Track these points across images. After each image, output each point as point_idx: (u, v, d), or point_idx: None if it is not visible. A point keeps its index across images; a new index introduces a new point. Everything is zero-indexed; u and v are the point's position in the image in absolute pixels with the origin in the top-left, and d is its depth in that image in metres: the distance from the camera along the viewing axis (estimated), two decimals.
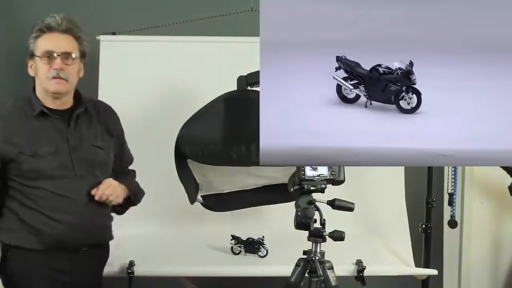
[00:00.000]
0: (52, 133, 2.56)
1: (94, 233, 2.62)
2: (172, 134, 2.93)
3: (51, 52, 2.54)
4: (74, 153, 2.56)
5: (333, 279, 2.55)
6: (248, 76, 2.93)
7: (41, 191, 2.52)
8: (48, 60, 2.54)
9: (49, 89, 2.55)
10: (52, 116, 2.57)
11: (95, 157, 2.62)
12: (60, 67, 2.53)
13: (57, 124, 2.57)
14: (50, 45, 2.55)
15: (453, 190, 3.58)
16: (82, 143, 2.59)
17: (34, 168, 2.51)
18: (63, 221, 2.52)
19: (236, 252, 3.20)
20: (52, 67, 2.53)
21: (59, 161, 2.53)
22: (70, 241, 2.55)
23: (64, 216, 2.52)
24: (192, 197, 3.02)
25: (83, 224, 2.56)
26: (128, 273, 2.98)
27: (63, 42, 2.57)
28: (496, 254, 3.73)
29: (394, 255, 3.28)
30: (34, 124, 2.55)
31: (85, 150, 2.59)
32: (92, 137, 2.63)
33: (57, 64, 2.53)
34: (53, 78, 2.53)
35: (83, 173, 2.57)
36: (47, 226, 2.52)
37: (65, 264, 2.57)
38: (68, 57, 2.56)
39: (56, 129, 2.57)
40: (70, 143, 2.57)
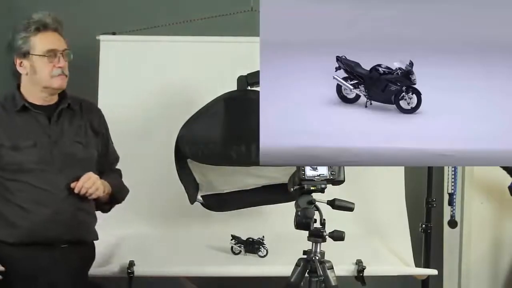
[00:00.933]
0: (34, 128, 2.58)
1: (72, 228, 2.59)
2: (172, 134, 2.93)
3: (54, 51, 2.57)
4: (54, 147, 2.57)
5: (333, 279, 2.55)
6: (248, 76, 2.93)
7: (20, 184, 2.53)
8: (50, 59, 2.57)
9: (53, 86, 2.59)
10: (34, 111, 2.59)
11: (75, 152, 2.62)
12: (64, 65, 2.59)
13: (39, 118, 2.59)
14: (51, 43, 2.58)
15: (453, 190, 3.58)
16: (63, 138, 2.61)
17: (14, 161, 2.52)
18: (40, 213, 2.52)
19: (236, 252, 3.20)
20: (56, 65, 2.57)
21: (39, 155, 2.55)
22: (46, 235, 2.53)
23: (41, 208, 2.52)
24: (192, 197, 3.02)
25: (61, 218, 2.54)
26: (128, 273, 2.98)
27: (60, 40, 2.61)
28: (496, 254, 3.73)
29: (394, 255, 3.28)
30: (15, 119, 2.58)
31: (66, 145, 2.60)
32: (74, 133, 2.64)
33: (62, 62, 2.58)
34: (59, 76, 2.58)
35: (62, 168, 2.57)
36: (23, 219, 2.51)
37: (43, 261, 2.55)
38: (67, 54, 2.61)
39: (37, 123, 2.59)
40: (51, 137, 2.58)
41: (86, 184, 2.56)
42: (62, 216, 2.55)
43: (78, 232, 2.63)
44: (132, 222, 3.33)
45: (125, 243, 3.24)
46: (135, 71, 3.41)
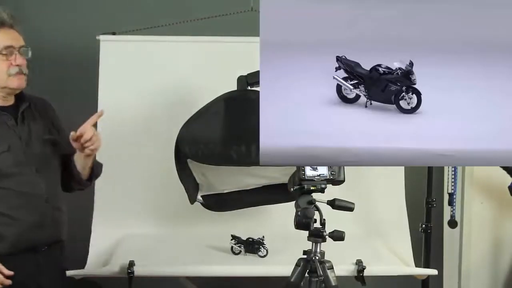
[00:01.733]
0: (3, 131, 2.48)
1: (53, 229, 2.57)
2: (172, 134, 2.93)
3: (10, 48, 2.46)
4: (27, 149, 2.50)
5: (333, 279, 2.54)
6: (248, 76, 2.93)
7: (2, 190, 2.44)
8: (6, 56, 2.46)
9: (10, 86, 2.48)
10: (1, 113, 2.50)
11: (47, 151, 2.57)
12: (22, 63, 2.48)
13: (6, 121, 2.49)
14: (8, 40, 2.47)
15: (453, 190, 3.58)
16: (32, 138, 2.53)
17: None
18: (25, 219, 2.46)
19: (236, 252, 3.20)
20: (12, 63, 2.46)
21: (14, 158, 2.46)
22: (33, 240, 2.49)
23: (25, 213, 2.46)
24: (192, 197, 3.02)
25: (44, 221, 2.51)
26: (128, 273, 2.98)
27: (17, 36, 2.51)
28: (496, 254, 3.73)
29: (394, 255, 3.28)
30: None
31: (37, 145, 2.54)
32: (41, 132, 2.57)
33: (19, 60, 2.47)
34: (16, 74, 2.47)
35: (39, 168, 2.51)
36: (9, 227, 2.44)
37: (29, 268, 2.50)
38: (24, 52, 2.50)
39: (6, 126, 2.49)
40: (22, 139, 2.50)
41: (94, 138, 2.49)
42: (45, 218, 2.51)
43: (57, 233, 2.62)
44: (132, 222, 3.33)
45: (125, 243, 3.24)
46: (135, 71, 3.41)
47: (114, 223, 3.23)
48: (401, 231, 3.37)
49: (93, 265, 3.09)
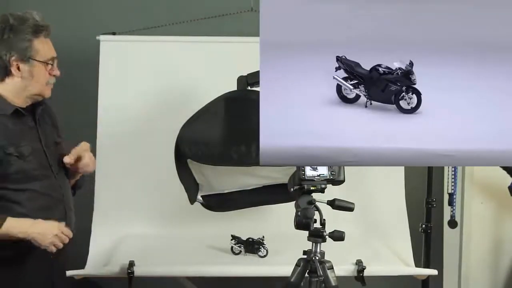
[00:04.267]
0: (27, 133, 2.47)
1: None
2: (172, 134, 2.93)
3: (54, 59, 2.48)
4: (47, 151, 2.50)
5: (333, 279, 2.55)
6: (248, 76, 2.94)
7: (28, 193, 2.41)
8: (48, 66, 2.47)
9: (44, 94, 2.49)
10: (24, 115, 2.47)
11: (59, 154, 2.56)
12: (58, 73, 2.50)
13: (28, 123, 2.48)
14: (51, 51, 2.48)
15: (453, 190, 3.58)
16: (49, 141, 2.53)
17: (21, 169, 2.39)
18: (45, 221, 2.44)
19: (236, 252, 3.20)
20: (51, 73, 2.48)
21: (38, 161, 2.46)
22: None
23: (46, 216, 2.42)
24: (192, 197, 3.02)
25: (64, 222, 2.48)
26: (128, 273, 2.98)
27: (52, 46, 2.51)
28: (496, 254, 3.73)
29: (394, 255, 3.28)
30: (9, 125, 2.42)
31: (53, 148, 2.54)
32: (54, 134, 2.58)
33: (57, 71, 2.49)
34: (51, 84, 2.49)
35: (57, 171, 2.52)
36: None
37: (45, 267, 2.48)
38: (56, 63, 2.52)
39: (28, 128, 2.48)
40: (42, 141, 2.50)
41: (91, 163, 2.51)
42: (62, 220, 2.49)
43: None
44: (132, 222, 3.34)
45: (125, 243, 3.24)
46: (135, 71, 3.41)
47: (114, 223, 3.24)
48: (401, 231, 3.37)
49: (93, 265, 3.09)
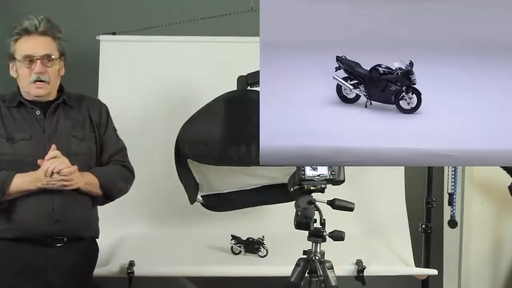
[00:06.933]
0: (29, 122, 2.60)
1: (67, 224, 2.56)
2: (172, 134, 2.94)
3: (31, 56, 2.56)
4: (49, 142, 2.56)
5: (333, 279, 2.55)
6: (248, 76, 2.94)
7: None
8: (28, 64, 2.56)
9: (30, 93, 2.59)
10: (30, 106, 2.60)
11: (70, 147, 2.60)
12: (40, 71, 2.56)
13: (35, 113, 2.60)
14: (29, 49, 2.57)
15: (453, 190, 3.58)
16: (58, 133, 2.60)
17: (8, 152, 2.53)
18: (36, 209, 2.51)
19: (236, 252, 3.20)
20: (33, 71, 2.56)
21: (33, 148, 2.55)
22: (40, 230, 2.52)
23: (33, 204, 2.52)
24: (192, 197, 3.02)
25: (49, 214, 2.53)
26: (128, 273, 2.98)
27: (42, 44, 2.58)
28: (496, 254, 3.73)
29: (394, 255, 3.28)
30: (13, 113, 2.60)
31: (61, 140, 2.58)
32: (70, 127, 2.63)
33: (38, 68, 2.56)
34: (34, 82, 2.57)
35: None
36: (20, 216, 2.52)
37: (38, 260, 2.54)
38: (48, 59, 2.58)
39: (33, 118, 2.60)
40: (46, 132, 2.59)
41: (53, 165, 2.49)
42: (52, 212, 2.53)
43: (74, 228, 2.60)
44: (132, 222, 3.34)
45: (125, 243, 3.24)
46: (135, 71, 3.41)
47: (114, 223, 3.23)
48: (401, 231, 3.38)
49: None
